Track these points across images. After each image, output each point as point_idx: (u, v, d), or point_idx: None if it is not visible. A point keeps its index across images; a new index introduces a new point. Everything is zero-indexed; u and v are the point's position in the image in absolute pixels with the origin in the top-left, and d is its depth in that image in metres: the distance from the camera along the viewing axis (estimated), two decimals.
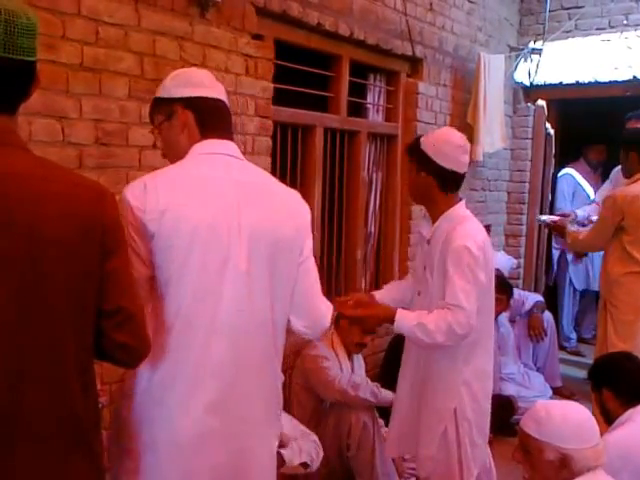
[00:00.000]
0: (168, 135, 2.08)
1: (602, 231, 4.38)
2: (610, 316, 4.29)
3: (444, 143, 2.87)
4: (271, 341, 2.06)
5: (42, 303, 1.49)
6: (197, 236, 1.87)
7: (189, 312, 1.89)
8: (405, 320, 2.77)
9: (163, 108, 2.07)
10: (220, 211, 1.92)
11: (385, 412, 4.06)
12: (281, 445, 3.03)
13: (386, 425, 4.13)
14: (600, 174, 7.06)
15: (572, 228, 4.88)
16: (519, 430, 2.46)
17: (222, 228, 1.91)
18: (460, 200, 2.96)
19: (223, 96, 2.11)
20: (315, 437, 3.48)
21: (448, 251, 2.77)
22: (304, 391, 3.94)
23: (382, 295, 3.19)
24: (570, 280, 6.97)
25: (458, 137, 2.92)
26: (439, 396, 2.94)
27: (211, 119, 2.05)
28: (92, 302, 1.58)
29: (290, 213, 2.11)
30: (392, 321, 2.78)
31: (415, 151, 2.94)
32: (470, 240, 2.76)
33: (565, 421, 2.34)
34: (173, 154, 2.08)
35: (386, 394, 3.79)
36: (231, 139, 2.10)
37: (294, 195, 2.19)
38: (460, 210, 2.93)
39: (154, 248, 1.86)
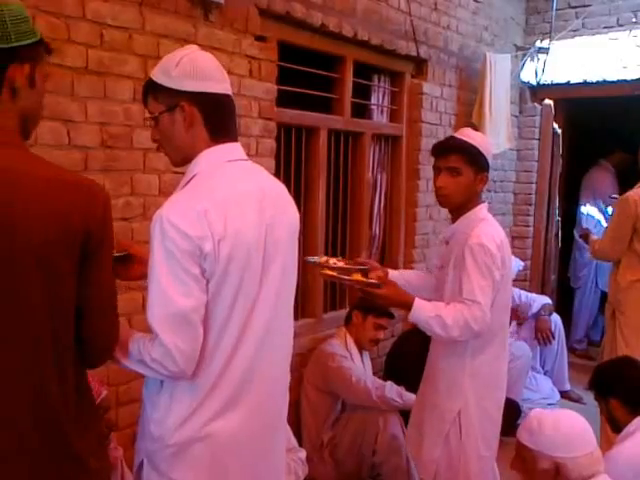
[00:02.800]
0: (168, 128, 1.92)
1: (619, 235, 4.26)
2: (619, 324, 4.26)
3: (485, 142, 2.98)
4: (287, 340, 2.09)
5: (18, 302, 1.51)
6: (250, 258, 1.86)
7: (236, 329, 1.87)
8: (423, 310, 2.70)
9: (164, 97, 1.90)
10: (262, 228, 1.90)
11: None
12: None
13: None
14: (617, 177, 7.04)
15: (594, 236, 4.85)
16: (516, 440, 2.47)
17: (261, 244, 1.90)
18: (483, 202, 2.97)
19: (229, 89, 1.98)
20: (303, 453, 3.47)
21: (466, 248, 2.76)
22: (319, 393, 3.91)
23: (395, 275, 3.10)
24: (594, 279, 6.92)
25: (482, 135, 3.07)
26: (443, 395, 2.91)
27: (221, 119, 1.94)
28: (72, 302, 1.60)
29: (294, 212, 2.10)
30: (408, 308, 2.71)
31: (475, 156, 2.89)
32: (488, 238, 2.76)
33: (557, 430, 2.35)
34: (172, 148, 1.97)
35: (410, 397, 3.74)
36: (237, 139, 2.02)
37: (285, 189, 2.12)
38: (480, 212, 2.92)
39: (209, 275, 1.80)
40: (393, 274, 3.07)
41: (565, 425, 2.38)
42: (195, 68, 1.89)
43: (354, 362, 3.99)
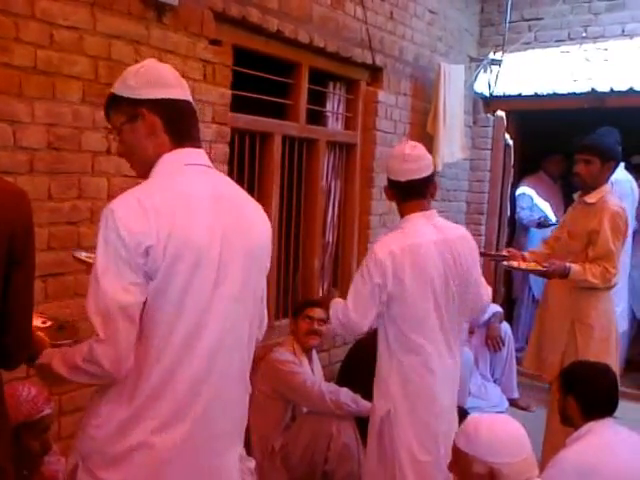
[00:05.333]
0: (130, 138, 1.91)
1: (620, 247, 4.02)
2: (580, 334, 4.03)
3: (388, 158, 3.16)
4: (246, 355, 2.02)
5: None
6: (200, 261, 1.78)
7: (183, 338, 1.81)
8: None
9: (125, 108, 1.89)
10: (217, 233, 1.83)
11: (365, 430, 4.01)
12: None
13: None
14: (560, 186, 7.12)
15: (576, 266, 3.95)
16: (452, 444, 2.47)
17: (215, 250, 1.83)
18: (424, 210, 3.04)
19: (189, 96, 1.96)
20: (252, 463, 3.41)
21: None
22: (269, 400, 3.86)
23: None
24: (530, 289, 6.98)
25: (400, 148, 3.10)
26: (375, 395, 3.08)
27: (182, 125, 1.92)
28: None
29: (263, 225, 2.05)
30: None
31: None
32: (381, 245, 2.95)
33: (492, 436, 2.35)
34: (136, 160, 1.95)
35: (365, 404, 3.67)
36: (200, 146, 1.98)
37: (257, 204, 2.09)
38: (401, 222, 3.07)
39: (152, 272, 1.74)
40: None
41: (500, 431, 2.38)
42: (154, 76, 1.90)
43: (304, 368, 3.95)
